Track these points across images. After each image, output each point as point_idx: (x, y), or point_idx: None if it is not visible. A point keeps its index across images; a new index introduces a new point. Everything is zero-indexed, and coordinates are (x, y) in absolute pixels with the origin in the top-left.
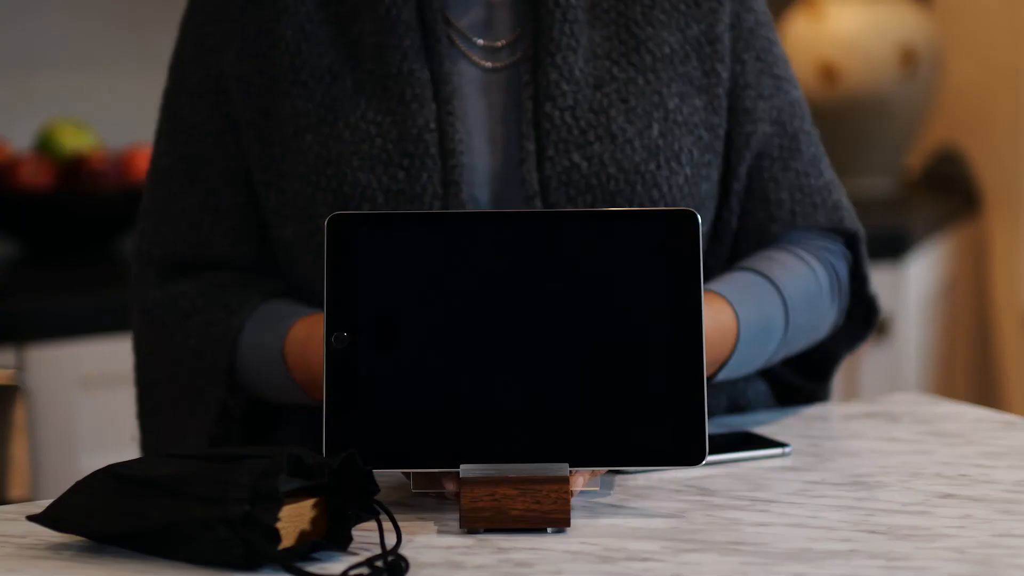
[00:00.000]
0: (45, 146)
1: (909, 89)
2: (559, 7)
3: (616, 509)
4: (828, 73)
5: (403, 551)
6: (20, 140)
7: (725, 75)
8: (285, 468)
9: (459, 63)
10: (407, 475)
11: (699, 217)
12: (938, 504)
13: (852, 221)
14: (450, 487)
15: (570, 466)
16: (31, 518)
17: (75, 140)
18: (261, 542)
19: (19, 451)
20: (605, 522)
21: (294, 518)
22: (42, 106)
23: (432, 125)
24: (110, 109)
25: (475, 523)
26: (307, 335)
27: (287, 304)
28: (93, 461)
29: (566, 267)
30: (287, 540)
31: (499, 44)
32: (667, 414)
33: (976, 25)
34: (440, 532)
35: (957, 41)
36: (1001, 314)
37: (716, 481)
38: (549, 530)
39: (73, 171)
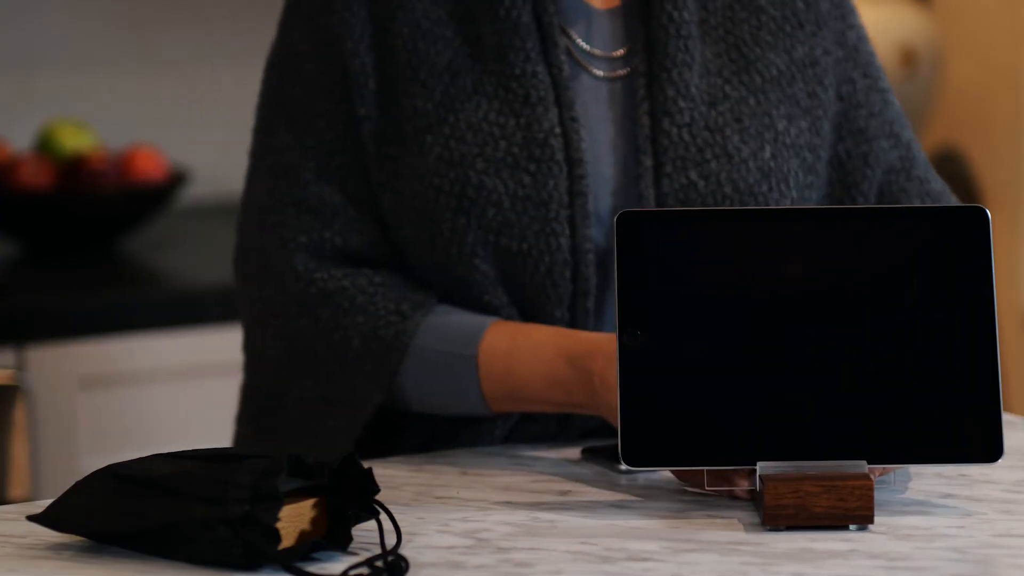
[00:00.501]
0: (45, 146)
1: (909, 89)
2: (673, 22)
3: (616, 509)
4: None
5: (403, 551)
6: (20, 140)
7: (824, 97)
8: (285, 468)
9: (576, 70)
10: (686, 475)
11: (989, 214)
12: (938, 504)
13: None
14: (743, 484)
15: (867, 463)
16: (31, 518)
17: (75, 140)
18: (261, 542)
19: (19, 451)
20: (605, 522)
21: (294, 518)
22: (42, 106)
23: (557, 130)
24: (110, 109)
25: (778, 520)
26: (511, 346)
27: (459, 312)
28: (93, 461)
29: (855, 263)
30: (287, 540)
31: (612, 55)
32: (963, 412)
33: (976, 25)
34: (440, 532)
35: (957, 41)
36: (1001, 314)
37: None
38: (852, 527)
39: (73, 171)
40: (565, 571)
